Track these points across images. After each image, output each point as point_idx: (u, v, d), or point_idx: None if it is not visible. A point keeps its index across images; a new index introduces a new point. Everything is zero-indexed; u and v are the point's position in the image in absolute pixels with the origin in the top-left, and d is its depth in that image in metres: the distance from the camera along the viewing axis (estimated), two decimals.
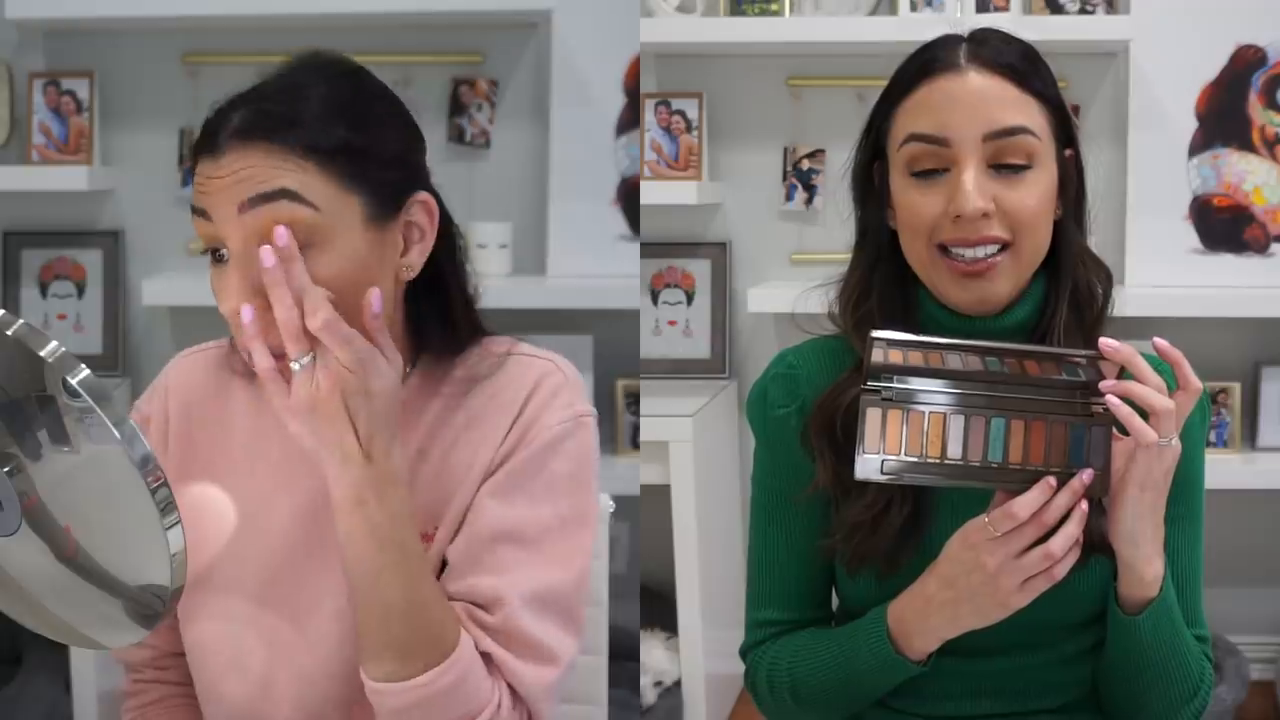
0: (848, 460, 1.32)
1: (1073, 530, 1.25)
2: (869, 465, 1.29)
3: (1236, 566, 2.97)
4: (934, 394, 1.30)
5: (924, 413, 1.30)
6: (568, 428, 1.35)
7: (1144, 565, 1.30)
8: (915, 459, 1.29)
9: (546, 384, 1.36)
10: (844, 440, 1.36)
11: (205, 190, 1.26)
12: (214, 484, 1.40)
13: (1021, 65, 1.34)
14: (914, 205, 1.34)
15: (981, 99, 1.32)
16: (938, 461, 1.29)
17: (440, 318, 1.38)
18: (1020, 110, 1.32)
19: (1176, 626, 1.35)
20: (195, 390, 1.44)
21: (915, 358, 1.29)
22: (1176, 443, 1.26)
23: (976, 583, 1.26)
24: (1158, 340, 1.29)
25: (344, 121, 1.28)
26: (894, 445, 1.29)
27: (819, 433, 1.39)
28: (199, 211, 1.27)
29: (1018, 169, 1.32)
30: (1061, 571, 1.26)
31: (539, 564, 1.32)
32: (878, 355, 1.28)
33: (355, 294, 1.25)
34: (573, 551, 1.35)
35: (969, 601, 1.28)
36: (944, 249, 1.33)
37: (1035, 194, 1.33)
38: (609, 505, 1.59)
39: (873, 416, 1.29)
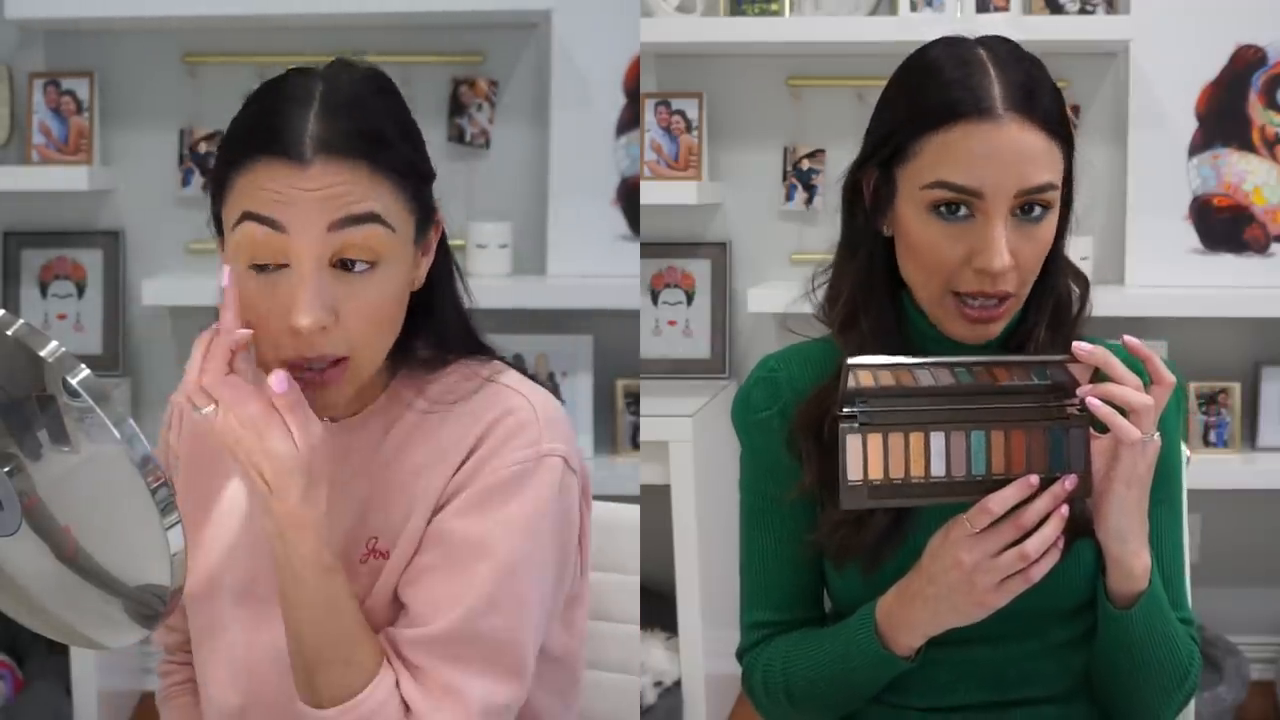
0: (832, 461, 1.32)
1: (1049, 533, 1.25)
2: (855, 494, 1.28)
3: (1236, 566, 2.97)
4: (910, 413, 1.29)
5: (903, 434, 1.29)
6: (525, 468, 1.29)
7: (1132, 559, 1.31)
8: (899, 481, 1.28)
9: (508, 421, 1.30)
10: (829, 440, 1.36)
11: (286, 200, 1.21)
12: (218, 491, 1.41)
13: (1053, 111, 1.32)
14: (934, 246, 1.32)
15: (1019, 156, 1.29)
16: (922, 481, 1.28)
17: (428, 332, 1.36)
18: (1050, 166, 1.31)
19: (1165, 615, 1.36)
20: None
21: (886, 378, 1.28)
22: (1157, 437, 1.28)
23: (954, 580, 1.27)
24: (1127, 338, 1.30)
25: (410, 142, 1.29)
26: (876, 470, 1.28)
27: (803, 433, 1.39)
28: (268, 221, 1.22)
29: (1037, 217, 1.31)
30: (1038, 574, 1.26)
31: (472, 599, 1.27)
32: (850, 381, 1.27)
33: (398, 308, 1.28)
34: (517, 598, 1.28)
35: (947, 599, 1.28)
36: (956, 293, 1.33)
37: (1046, 241, 1.33)
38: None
39: (853, 444, 1.28)
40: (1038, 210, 1.31)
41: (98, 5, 2.81)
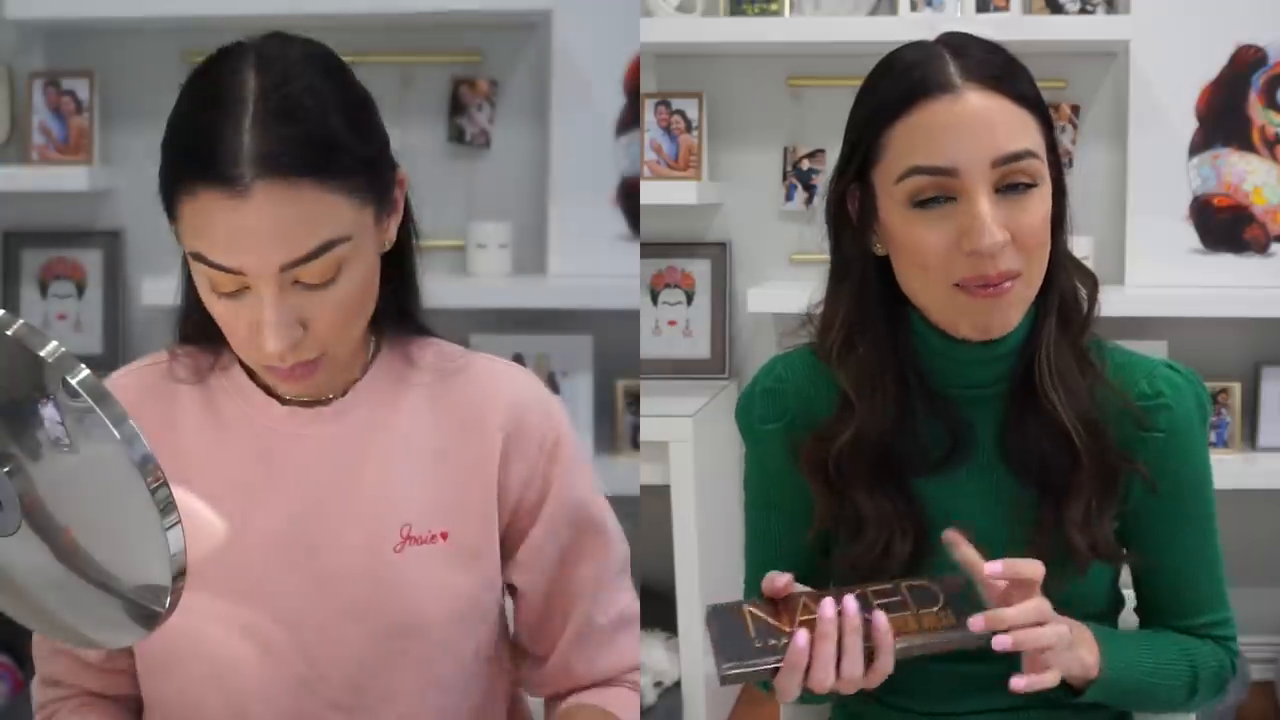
0: (843, 499, 1.32)
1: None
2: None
3: (1237, 566, 2.94)
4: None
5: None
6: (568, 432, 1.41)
7: (1080, 672, 1.32)
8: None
9: (538, 394, 1.41)
10: (837, 478, 1.35)
11: (234, 244, 1.21)
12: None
13: (1012, 76, 1.28)
14: (922, 242, 1.26)
15: (986, 123, 1.24)
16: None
17: (402, 290, 1.38)
18: (1023, 131, 1.26)
19: (1134, 677, 1.36)
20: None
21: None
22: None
23: None
24: (988, 567, 1.23)
25: (355, 132, 1.25)
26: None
27: (811, 473, 1.38)
28: (221, 268, 1.22)
29: (1023, 190, 1.26)
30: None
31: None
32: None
33: (368, 293, 1.29)
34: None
35: None
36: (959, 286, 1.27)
37: (1041, 214, 1.27)
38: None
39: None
40: (1022, 186, 1.25)
41: (98, 5, 2.81)
